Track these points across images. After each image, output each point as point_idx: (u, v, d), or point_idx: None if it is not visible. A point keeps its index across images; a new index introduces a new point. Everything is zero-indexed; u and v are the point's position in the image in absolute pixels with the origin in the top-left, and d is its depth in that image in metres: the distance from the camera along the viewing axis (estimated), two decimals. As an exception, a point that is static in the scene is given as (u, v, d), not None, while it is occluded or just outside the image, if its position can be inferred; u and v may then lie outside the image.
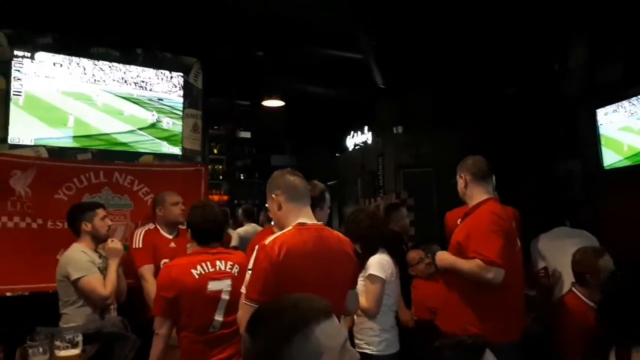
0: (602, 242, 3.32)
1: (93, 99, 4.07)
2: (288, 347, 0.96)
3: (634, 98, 4.47)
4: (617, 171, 4.66)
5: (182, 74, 4.44)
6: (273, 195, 1.96)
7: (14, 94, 3.75)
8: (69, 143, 3.94)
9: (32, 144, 3.76)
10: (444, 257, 2.56)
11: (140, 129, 4.25)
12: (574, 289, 2.64)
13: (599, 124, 4.82)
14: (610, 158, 4.71)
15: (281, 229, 1.91)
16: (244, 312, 1.76)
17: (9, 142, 3.70)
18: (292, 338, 0.96)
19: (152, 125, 4.30)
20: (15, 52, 3.77)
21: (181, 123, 4.42)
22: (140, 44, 4.32)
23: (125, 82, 4.22)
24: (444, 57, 5.47)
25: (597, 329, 2.01)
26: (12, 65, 3.74)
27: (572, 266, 2.67)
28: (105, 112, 4.12)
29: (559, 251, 3.13)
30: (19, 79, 3.77)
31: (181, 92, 4.46)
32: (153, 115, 4.32)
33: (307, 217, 1.92)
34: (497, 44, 5.09)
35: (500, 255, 2.27)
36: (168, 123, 4.38)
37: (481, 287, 2.32)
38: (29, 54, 3.82)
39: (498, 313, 2.35)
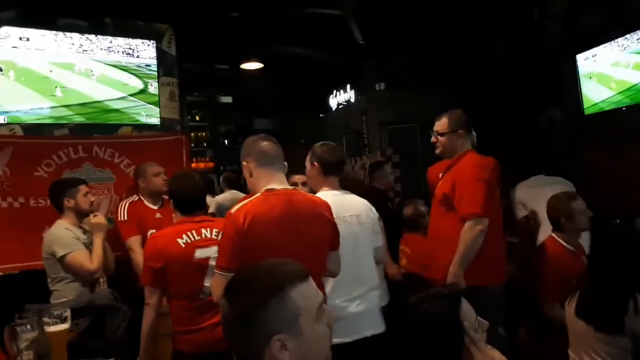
0: (583, 187, 3.38)
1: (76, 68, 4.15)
2: (264, 310, 0.98)
3: (613, 41, 4.45)
4: (595, 116, 4.70)
5: (155, 42, 4.34)
6: (244, 162, 1.94)
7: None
8: (45, 118, 3.86)
9: (5, 122, 3.68)
10: (451, 270, 2.46)
11: (130, 95, 4.41)
12: (552, 234, 2.72)
13: (579, 68, 4.81)
14: (603, 94, 4.68)
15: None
16: (215, 281, 1.81)
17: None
18: (268, 301, 0.98)
19: (142, 91, 4.46)
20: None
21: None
22: (109, 13, 4.18)
23: (113, 51, 4.32)
24: (424, 13, 5.35)
25: (587, 282, 2.04)
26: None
27: (547, 212, 2.74)
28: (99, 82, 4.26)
29: (540, 198, 3.18)
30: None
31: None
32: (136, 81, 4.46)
33: (277, 183, 1.90)
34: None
35: (484, 206, 2.41)
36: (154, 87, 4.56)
37: None
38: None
39: (483, 259, 2.45)
